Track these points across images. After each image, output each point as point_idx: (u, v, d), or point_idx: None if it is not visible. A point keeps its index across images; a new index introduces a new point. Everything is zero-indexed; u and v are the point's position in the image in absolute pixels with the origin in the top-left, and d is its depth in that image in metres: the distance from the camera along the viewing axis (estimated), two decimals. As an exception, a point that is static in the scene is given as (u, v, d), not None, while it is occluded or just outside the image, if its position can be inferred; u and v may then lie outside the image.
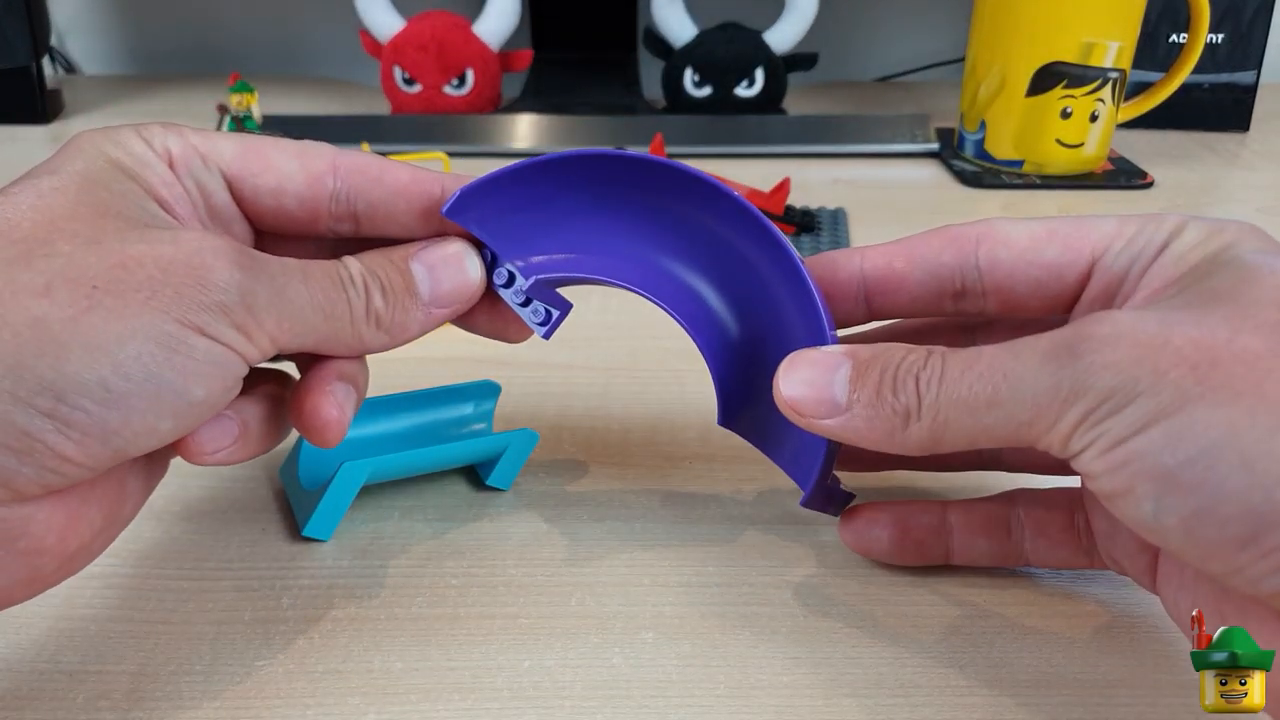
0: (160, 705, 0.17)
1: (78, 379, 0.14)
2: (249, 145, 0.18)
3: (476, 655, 0.19)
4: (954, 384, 0.16)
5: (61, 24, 0.68)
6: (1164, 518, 0.14)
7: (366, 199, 0.18)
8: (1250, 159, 0.51)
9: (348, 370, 0.18)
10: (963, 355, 0.16)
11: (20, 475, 0.14)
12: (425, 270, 0.18)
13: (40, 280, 0.14)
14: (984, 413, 0.15)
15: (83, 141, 0.16)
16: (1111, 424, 0.14)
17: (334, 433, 0.17)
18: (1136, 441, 0.14)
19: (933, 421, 0.16)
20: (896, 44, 0.69)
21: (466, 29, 0.53)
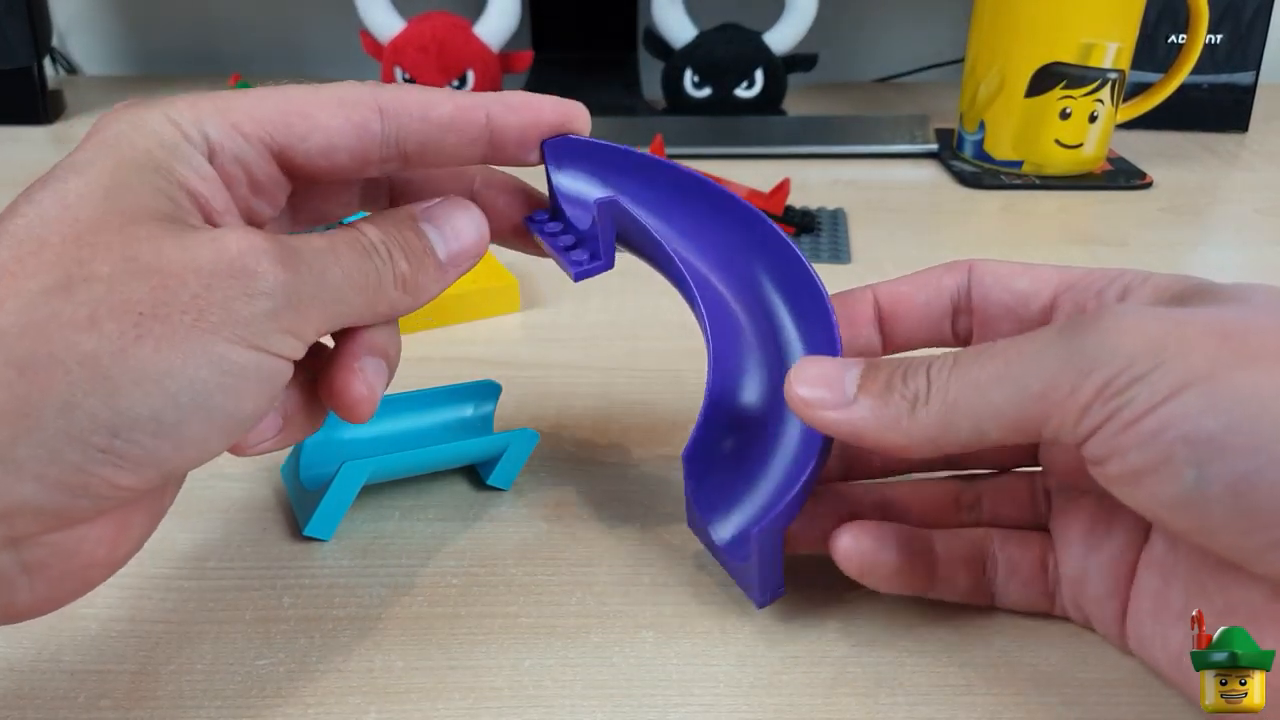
0: (161, 705, 0.17)
1: (131, 414, 0.13)
2: (290, 106, 0.17)
3: (477, 654, 0.19)
4: (966, 367, 0.15)
5: (63, 24, 0.69)
6: (1209, 486, 0.13)
7: (416, 139, 0.17)
8: (1249, 159, 0.51)
9: (378, 342, 0.17)
10: (976, 346, 0.16)
11: (75, 506, 0.14)
12: (436, 230, 0.18)
13: (84, 312, 0.13)
14: (994, 389, 0.15)
15: (108, 130, 0.15)
16: (1137, 390, 0.13)
17: (365, 409, 0.17)
18: (1170, 407, 0.13)
19: (941, 404, 0.15)
20: (896, 45, 0.69)
21: (467, 30, 0.53)
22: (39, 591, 0.14)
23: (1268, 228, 0.42)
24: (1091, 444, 0.14)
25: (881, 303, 0.20)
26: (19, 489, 0.13)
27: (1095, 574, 0.18)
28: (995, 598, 0.19)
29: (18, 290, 0.13)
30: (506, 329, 0.32)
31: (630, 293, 0.34)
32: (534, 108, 0.18)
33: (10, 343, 0.13)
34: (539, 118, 0.18)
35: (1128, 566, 0.17)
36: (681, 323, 0.32)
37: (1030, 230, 0.42)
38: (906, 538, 0.19)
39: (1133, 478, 0.14)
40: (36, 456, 0.13)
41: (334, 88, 0.17)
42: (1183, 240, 0.41)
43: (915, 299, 0.20)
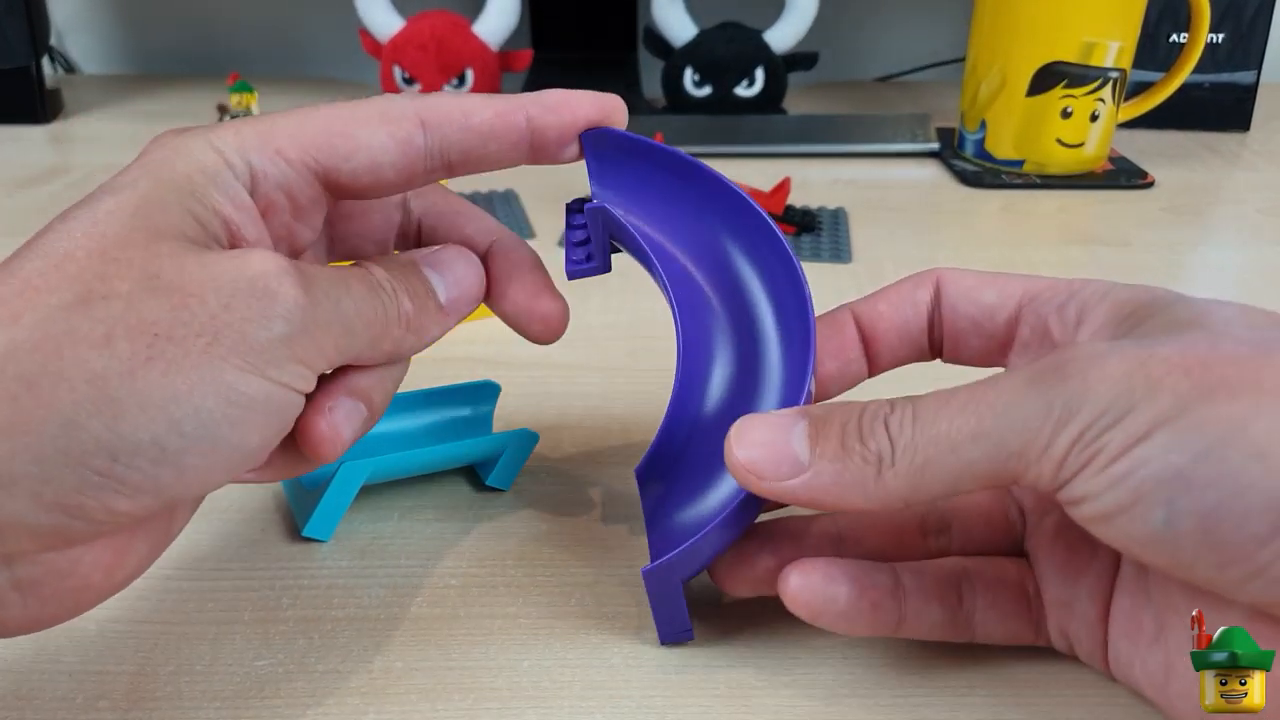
0: (160, 705, 0.17)
1: (133, 439, 0.13)
2: (332, 129, 0.16)
3: (476, 655, 0.19)
4: (930, 422, 0.15)
5: (61, 23, 0.68)
6: (1178, 522, 0.13)
7: (458, 148, 0.17)
8: (1251, 159, 0.51)
9: (360, 385, 0.17)
10: (933, 396, 0.15)
11: (71, 528, 0.13)
12: (438, 275, 0.18)
13: (100, 330, 0.13)
14: (968, 447, 0.14)
15: (152, 155, 0.16)
16: (1111, 436, 0.14)
17: (326, 450, 0.17)
18: (1141, 449, 0.13)
19: (910, 465, 0.15)
20: (897, 43, 0.69)
21: (466, 29, 0.53)
22: (30, 610, 0.14)
23: (1269, 227, 0.42)
24: (1066, 491, 0.14)
25: (863, 325, 0.19)
26: (13, 506, 0.13)
27: (1084, 599, 0.17)
28: (975, 632, 0.18)
29: (37, 304, 0.13)
30: (506, 329, 0.32)
31: (630, 293, 0.34)
32: (572, 107, 0.18)
33: (22, 357, 0.13)
34: (577, 116, 0.18)
35: (1112, 587, 0.17)
36: (681, 322, 0.32)
37: (1031, 230, 0.42)
38: (864, 572, 0.17)
39: (1106, 518, 0.14)
40: (32, 474, 0.13)
41: (374, 103, 0.17)
42: (1184, 240, 0.41)
43: (895, 318, 0.19)
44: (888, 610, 0.17)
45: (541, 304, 0.19)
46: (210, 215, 0.15)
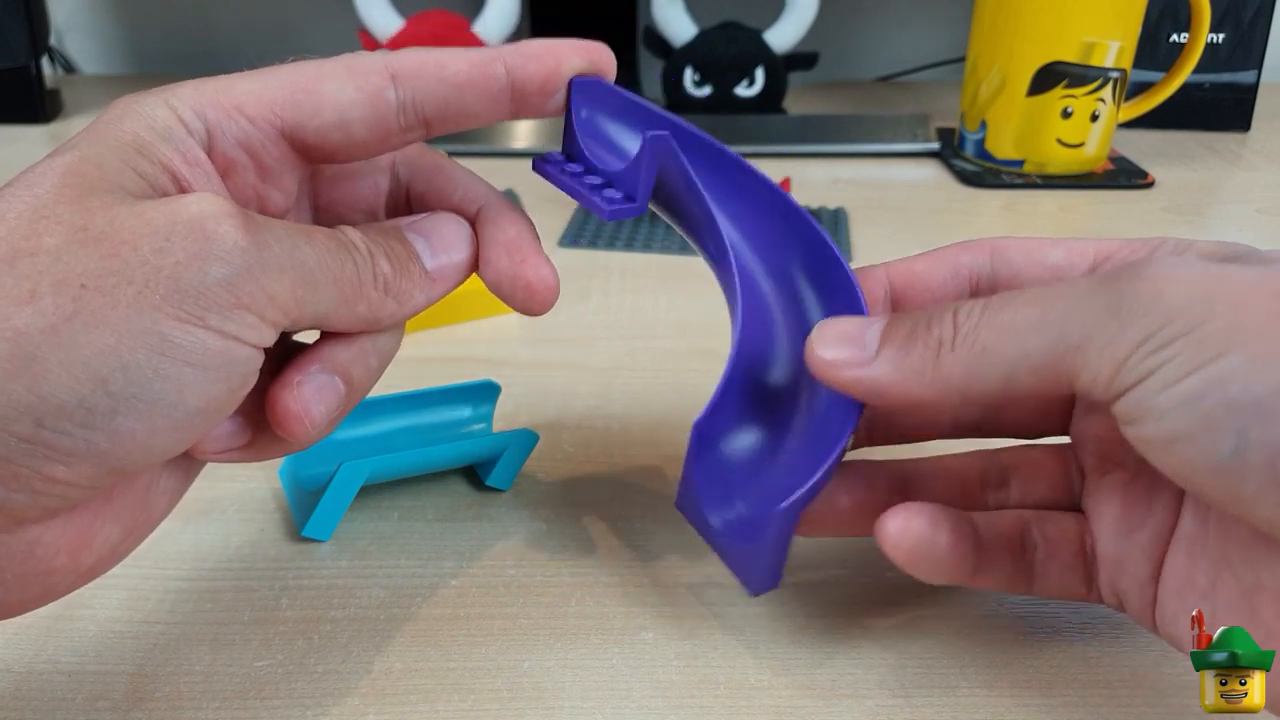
0: (159, 706, 0.17)
1: (55, 400, 0.12)
2: (296, 84, 0.15)
3: (476, 656, 0.19)
4: (997, 311, 0.15)
5: (60, 23, 0.68)
6: (1249, 454, 0.12)
7: (434, 102, 0.16)
8: (1251, 159, 0.51)
9: (340, 359, 0.16)
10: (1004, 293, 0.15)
11: (12, 501, 0.13)
12: (423, 240, 0.17)
13: (26, 286, 0.12)
14: (1028, 334, 0.14)
15: (103, 116, 0.15)
16: (1182, 346, 0.13)
17: (294, 427, 0.15)
18: (1214, 368, 0.12)
19: (969, 350, 0.15)
20: (897, 43, 0.69)
21: (465, 28, 0.52)
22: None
23: (1269, 227, 0.42)
24: (1125, 401, 0.13)
25: (894, 282, 0.19)
26: None
27: (1136, 555, 0.16)
28: (1033, 584, 0.18)
29: None
30: (506, 329, 0.32)
31: (630, 293, 0.34)
32: (555, 53, 0.17)
33: None
34: (560, 64, 0.17)
35: (1167, 546, 0.16)
36: (682, 322, 0.32)
37: (1032, 230, 0.41)
38: (957, 520, 0.17)
39: (1168, 442, 0.13)
40: None
41: (341, 59, 0.16)
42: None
43: (931, 277, 0.18)
44: (969, 560, 0.17)
45: (527, 270, 0.17)
46: (157, 171, 0.14)
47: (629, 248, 0.38)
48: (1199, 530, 0.16)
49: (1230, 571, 0.15)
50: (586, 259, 0.37)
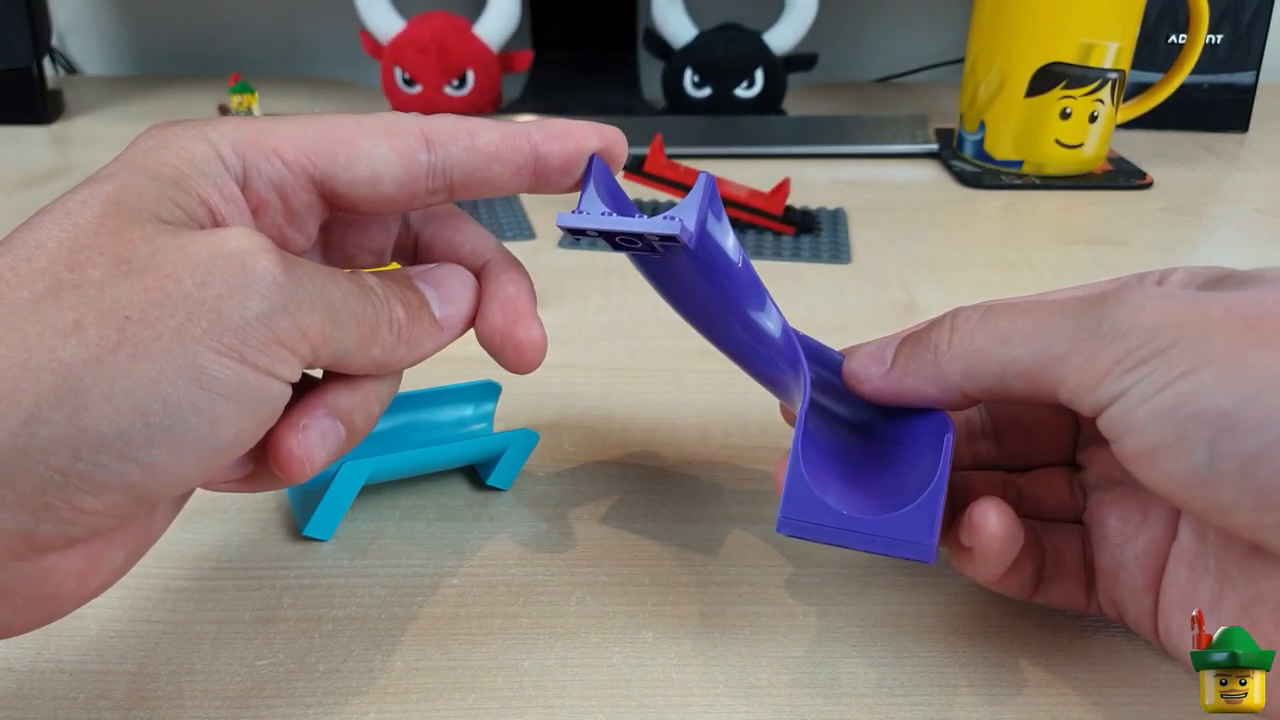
0: (161, 705, 0.17)
1: (96, 433, 0.12)
2: (334, 135, 0.16)
3: (477, 655, 0.19)
4: (994, 319, 0.16)
5: (62, 24, 0.69)
6: (1220, 464, 0.13)
7: (462, 168, 0.17)
8: (1250, 159, 0.51)
9: (341, 405, 0.16)
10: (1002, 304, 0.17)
11: (41, 530, 0.13)
12: (433, 290, 0.18)
13: (70, 317, 0.12)
14: (1017, 343, 0.16)
15: (139, 145, 0.15)
16: (1156, 365, 0.14)
17: (294, 469, 0.16)
18: (1186, 383, 0.13)
19: (965, 350, 0.16)
20: (896, 45, 0.69)
21: (467, 30, 0.53)
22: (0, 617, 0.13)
23: (1268, 227, 0.42)
24: (1107, 417, 0.15)
25: None
26: None
27: (1130, 566, 0.17)
28: (1038, 592, 0.19)
29: (5, 299, 0.13)
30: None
31: (630, 293, 0.34)
32: (576, 136, 0.18)
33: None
34: (582, 145, 0.18)
35: (1161, 559, 0.17)
36: (682, 322, 0.32)
37: (1031, 230, 0.42)
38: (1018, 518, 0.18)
39: (1148, 454, 0.14)
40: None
41: (379, 116, 0.17)
42: (1183, 240, 0.41)
43: None
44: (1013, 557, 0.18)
45: (519, 330, 0.18)
46: (195, 203, 0.15)
47: (629, 248, 0.38)
48: (1198, 546, 0.16)
49: (1231, 586, 0.16)
50: (586, 259, 0.37)
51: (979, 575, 0.18)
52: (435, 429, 0.24)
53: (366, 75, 0.62)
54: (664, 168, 0.39)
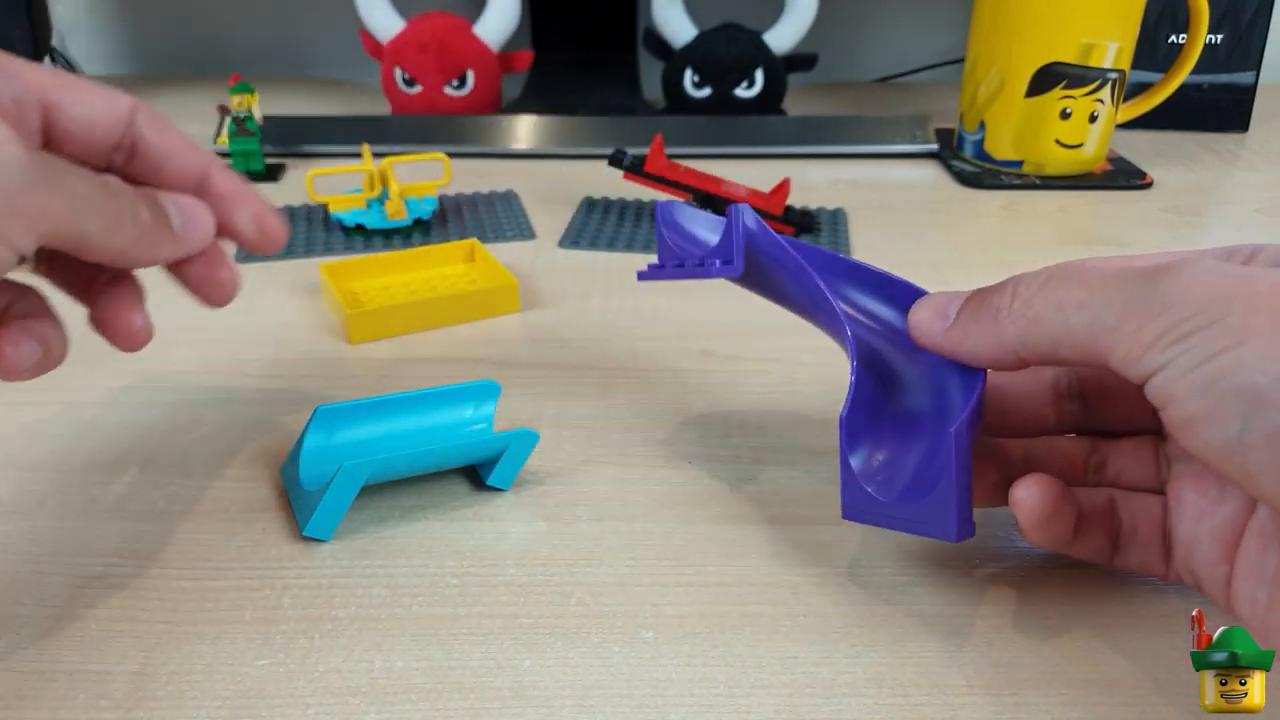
0: (161, 705, 0.17)
1: None
2: (64, 80, 0.19)
3: (477, 654, 0.19)
4: (1053, 288, 0.17)
5: (62, 24, 0.69)
6: (1250, 436, 0.14)
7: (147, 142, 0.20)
8: (1249, 159, 0.51)
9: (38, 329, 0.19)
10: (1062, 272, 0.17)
11: None
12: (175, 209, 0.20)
13: None
14: (1072, 312, 0.17)
15: None
16: (1198, 339, 0.15)
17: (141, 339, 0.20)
18: (1225, 358, 0.14)
19: (1024, 316, 0.17)
20: (896, 45, 0.69)
21: (467, 30, 0.53)
22: None
23: (1268, 227, 0.42)
24: (1153, 385, 0.15)
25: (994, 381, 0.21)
26: None
27: (1205, 539, 0.18)
28: (1116, 557, 0.20)
29: None
30: (507, 329, 0.32)
31: (630, 293, 0.34)
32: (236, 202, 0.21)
33: None
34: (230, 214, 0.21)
35: (1236, 533, 0.18)
36: (682, 322, 0.32)
37: (1030, 230, 0.42)
38: (1066, 492, 0.19)
39: (1188, 423, 0.15)
40: None
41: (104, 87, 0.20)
42: (1183, 240, 0.41)
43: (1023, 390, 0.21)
44: (1071, 527, 0.19)
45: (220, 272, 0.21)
46: None
47: (629, 249, 0.38)
48: (1272, 523, 0.17)
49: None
50: (587, 259, 0.37)
51: (1040, 544, 0.19)
52: (436, 429, 0.24)
53: (367, 75, 0.62)
54: (664, 168, 0.39)
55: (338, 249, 0.38)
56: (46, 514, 0.23)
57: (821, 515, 0.23)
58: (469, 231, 0.39)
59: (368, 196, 0.39)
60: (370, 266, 0.34)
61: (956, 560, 0.21)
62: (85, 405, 0.27)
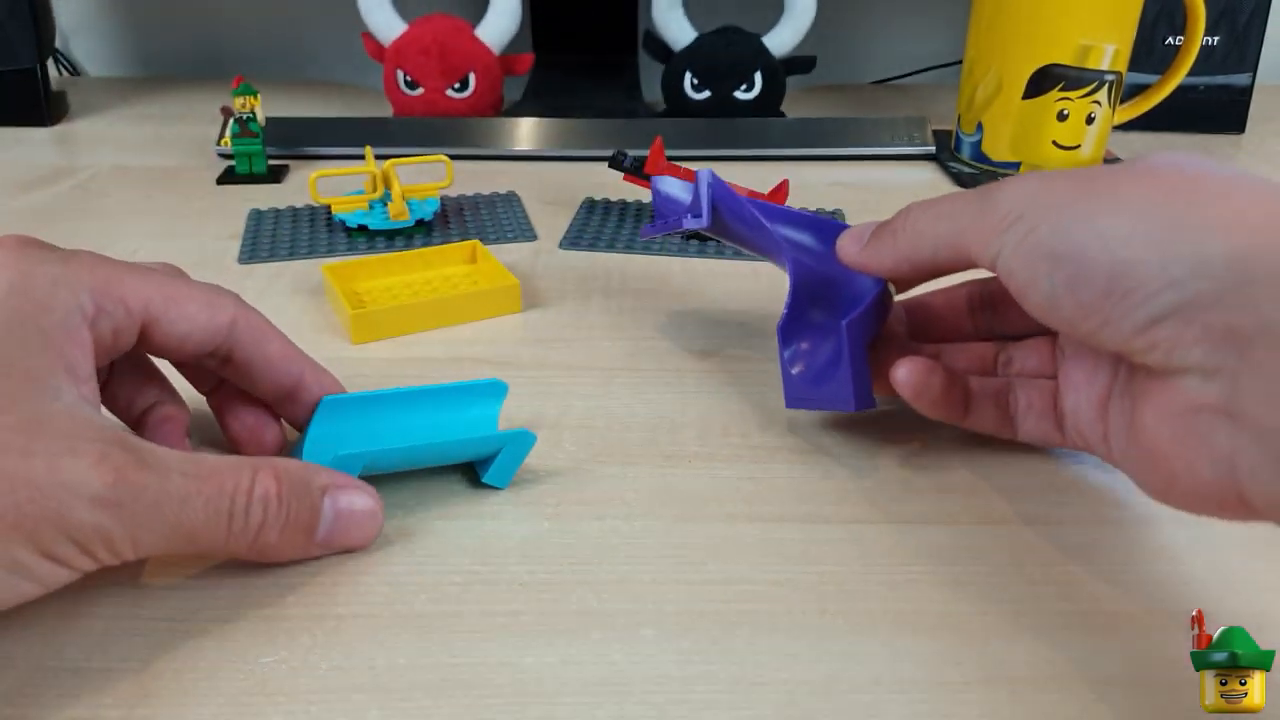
0: (164, 702, 0.18)
1: None
2: (167, 292, 0.20)
3: (479, 652, 0.19)
4: (929, 206, 0.23)
5: (66, 26, 0.69)
6: (1056, 289, 0.19)
7: (245, 355, 0.22)
8: (1246, 161, 0.51)
9: None
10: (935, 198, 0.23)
11: None
12: (333, 513, 0.20)
13: None
14: (942, 223, 0.22)
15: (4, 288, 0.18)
16: (1019, 226, 0.20)
17: None
18: (1034, 235, 0.19)
19: (910, 233, 0.23)
20: (894, 47, 0.69)
21: (468, 32, 0.53)
22: None
23: (1265, 229, 0.42)
24: (998, 266, 0.20)
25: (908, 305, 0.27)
26: None
27: (1085, 405, 0.22)
28: (1017, 430, 0.24)
29: None
30: (508, 329, 0.32)
31: (630, 293, 0.35)
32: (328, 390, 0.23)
33: None
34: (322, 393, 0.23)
35: (1106, 395, 0.22)
36: (681, 322, 0.33)
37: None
38: (951, 372, 0.24)
39: (1021, 290, 0.20)
40: None
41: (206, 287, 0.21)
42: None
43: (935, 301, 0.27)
44: (959, 403, 0.24)
45: None
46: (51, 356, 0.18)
47: (629, 250, 0.38)
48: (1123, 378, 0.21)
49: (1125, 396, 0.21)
50: (587, 260, 0.37)
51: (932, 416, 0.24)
52: (438, 425, 0.24)
53: (369, 78, 0.62)
54: (664, 169, 0.39)
55: (340, 250, 0.38)
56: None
57: (821, 514, 0.23)
58: (471, 233, 0.40)
59: (370, 198, 0.39)
60: (373, 267, 0.34)
61: (956, 559, 0.21)
62: (89, 405, 0.27)
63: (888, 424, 0.26)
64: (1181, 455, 0.18)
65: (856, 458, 0.25)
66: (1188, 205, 0.17)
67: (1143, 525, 0.22)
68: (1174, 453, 0.18)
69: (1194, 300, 0.17)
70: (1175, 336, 0.17)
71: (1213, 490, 0.17)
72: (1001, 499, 0.23)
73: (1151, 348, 0.17)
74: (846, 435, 0.26)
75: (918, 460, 0.25)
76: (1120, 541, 0.22)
